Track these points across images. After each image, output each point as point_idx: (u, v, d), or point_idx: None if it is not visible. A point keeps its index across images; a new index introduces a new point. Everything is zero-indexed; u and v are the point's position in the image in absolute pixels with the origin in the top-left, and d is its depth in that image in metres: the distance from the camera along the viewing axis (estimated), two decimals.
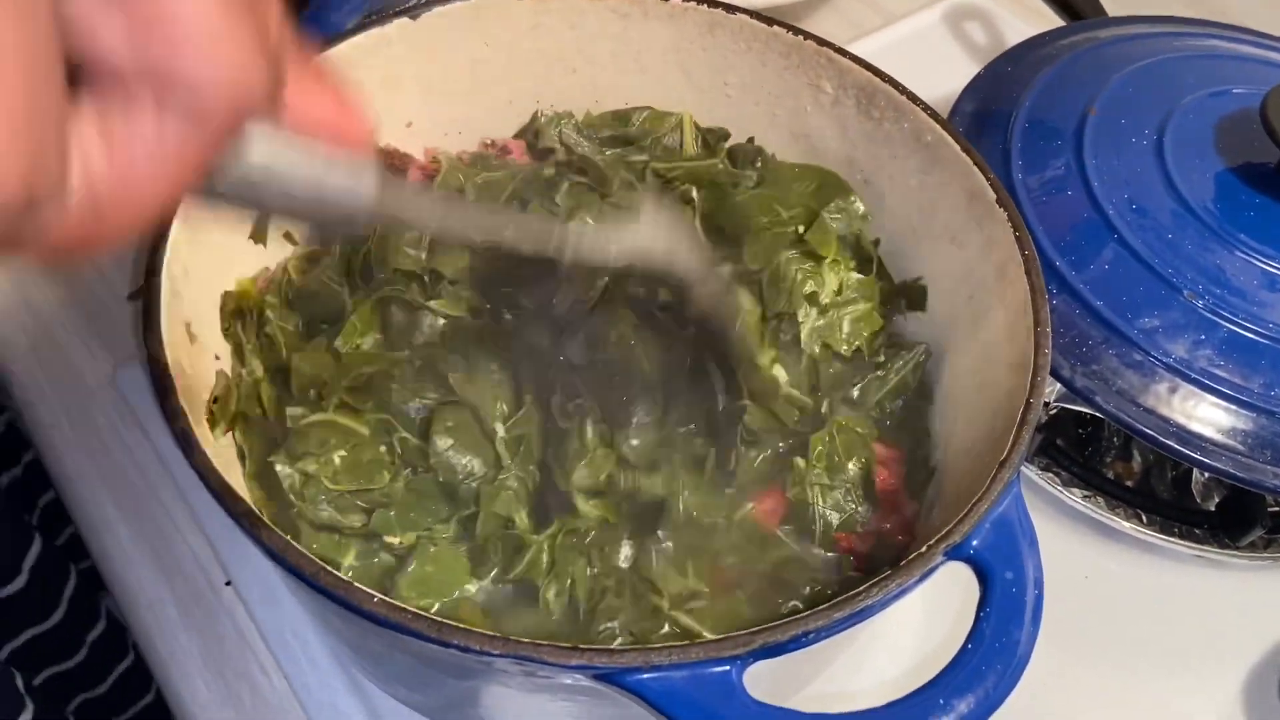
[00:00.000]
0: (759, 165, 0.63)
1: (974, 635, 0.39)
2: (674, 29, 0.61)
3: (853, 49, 0.59)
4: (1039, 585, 0.41)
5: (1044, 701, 0.61)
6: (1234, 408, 0.60)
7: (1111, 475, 0.69)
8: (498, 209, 0.50)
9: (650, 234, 0.45)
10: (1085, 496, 0.67)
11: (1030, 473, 0.67)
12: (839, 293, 0.59)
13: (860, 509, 0.53)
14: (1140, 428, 0.60)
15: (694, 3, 0.60)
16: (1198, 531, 0.67)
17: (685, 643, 0.37)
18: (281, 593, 0.61)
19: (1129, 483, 0.69)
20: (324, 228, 0.46)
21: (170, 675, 0.59)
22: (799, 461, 0.53)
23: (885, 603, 0.39)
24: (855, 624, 0.39)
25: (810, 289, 0.58)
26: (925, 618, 0.62)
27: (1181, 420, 0.60)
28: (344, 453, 0.52)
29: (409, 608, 0.37)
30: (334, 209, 0.33)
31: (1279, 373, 0.60)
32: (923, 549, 0.40)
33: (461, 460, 0.52)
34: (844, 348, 0.58)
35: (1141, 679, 0.63)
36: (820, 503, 0.52)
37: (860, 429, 0.55)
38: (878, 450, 0.55)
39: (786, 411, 0.55)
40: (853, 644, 0.58)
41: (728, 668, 0.37)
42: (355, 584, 0.38)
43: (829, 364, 0.58)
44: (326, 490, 0.51)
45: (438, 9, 0.58)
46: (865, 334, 0.58)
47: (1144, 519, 0.67)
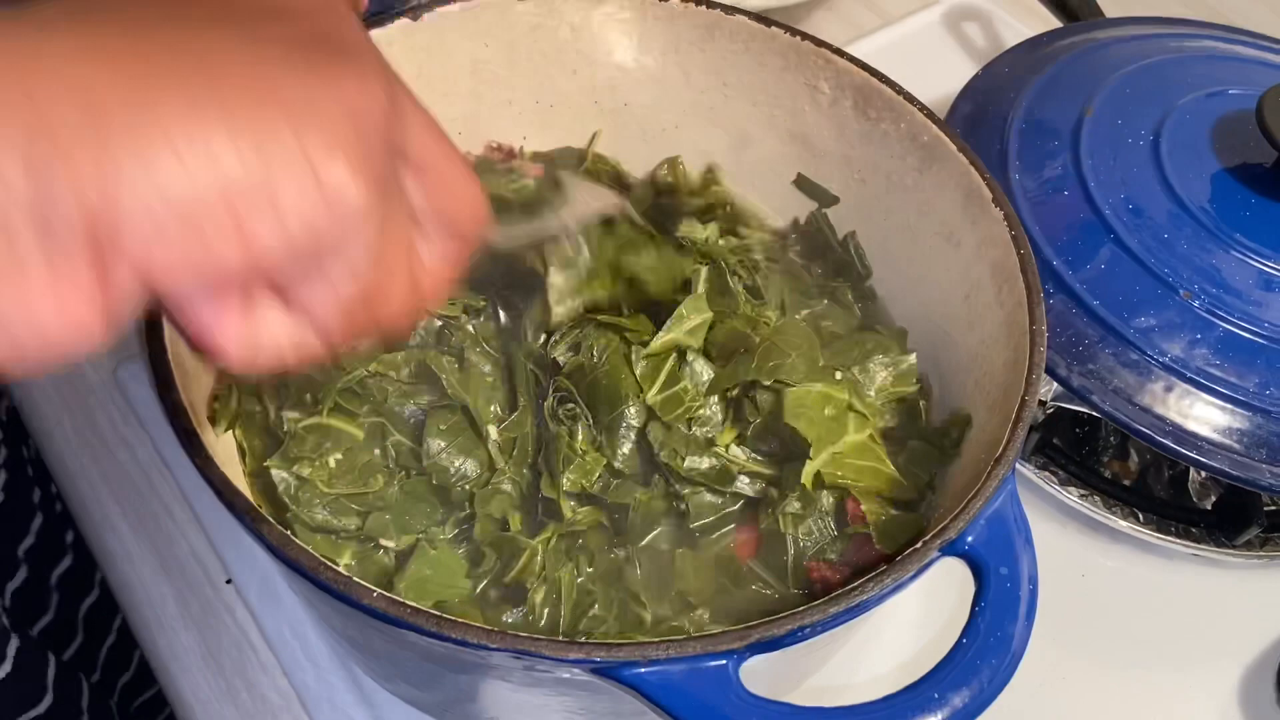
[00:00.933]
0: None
1: (969, 630, 0.39)
2: (673, 30, 0.62)
3: (851, 50, 0.59)
4: (1034, 581, 0.41)
5: (1041, 699, 0.61)
6: (1230, 407, 0.61)
7: (1108, 474, 0.69)
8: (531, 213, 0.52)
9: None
10: (1082, 495, 0.68)
11: (1027, 472, 0.68)
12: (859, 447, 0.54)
13: (834, 539, 0.52)
14: (1137, 426, 0.60)
15: (692, 4, 0.61)
16: (1194, 530, 0.67)
17: (682, 637, 0.37)
18: (282, 590, 0.61)
19: (1126, 482, 0.69)
20: None
21: (171, 672, 0.59)
22: (772, 492, 0.53)
23: (880, 598, 0.39)
24: (851, 619, 0.39)
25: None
26: (926, 614, 0.63)
27: (1178, 419, 0.60)
28: (339, 456, 0.52)
29: (408, 603, 0.37)
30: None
31: (1275, 372, 0.61)
32: (918, 545, 0.40)
33: (455, 463, 0.52)
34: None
35: (1138, 677, 0.64)
36: (793, 532, 0.52)
37: None
38: None
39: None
40: (852, 640, 0.59)
41: (724, 662, 0.37)
42: (355, 579, 0.38)
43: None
44: (321, 494, 0.51)
45: (439, 10, 0.59)
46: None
47: (1141, 518, 0.67)
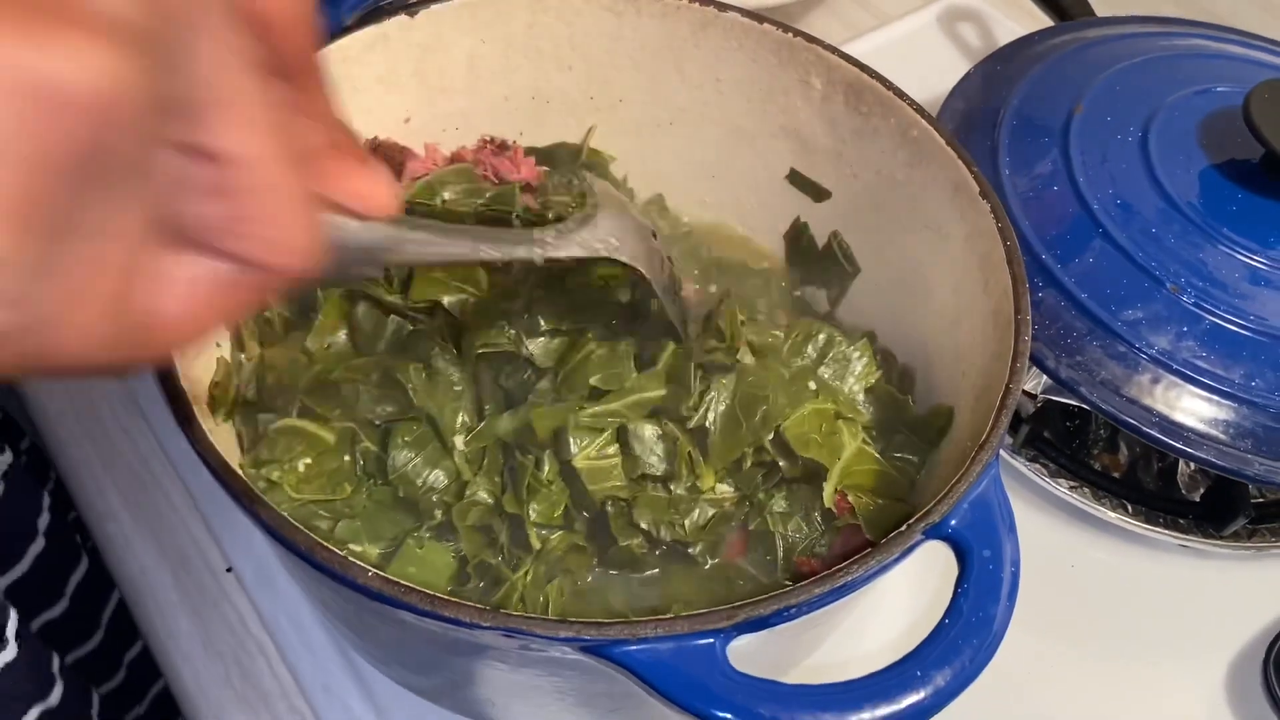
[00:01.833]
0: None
1: (951, 611, 0.40)
2: (667, 27, 0.63)
3: (847, 50, 0.60)
4: (1015, 564, 0.42)
5: (1029, 689, 0.62)
6: (1216, 398, 0.61)
7: (1098, 467, 0.70)
8: (470, 228, 0.50)
9: (608, 229, 0.49)
10: (1072, 487, 0.68)
11: (1018, 464, 0.68)
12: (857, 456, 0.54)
13: (821, 533, 0.53)
14: (1124, 418, 0.61)
15: (686, 1, 0.61)
16: (1182, 521, 0.68)
17: (670, 616, 0.38)
18: (280, 578, 0.62)
19: (1115, 474, 0.70)
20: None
21: (172, 658, 0.60)
22: (759, 495, 0.53)
23: (865, 579, 0.40)
24: (836, 600, 0.40)
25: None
26: (917, 604, 0.63)
27: (1164, 410, 0.61)
28: (308, 460, 0.51)
29: (403, 582, 0.38)
30: (355, 269, 0.37)
31: (1260, 364, 0.62)
32: (902, 528, 0.41)
33: (423, 475, 0.52)
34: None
35: (1127, 667, 0.64)
36: (781, 530, 0.52)
37: None
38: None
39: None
40: (843, 626, 0.59)
41: (711, 640, 0.38)
42: (351, 559, 0.39)
43: None
44: (289, 499, 0.50)
45: (435, 6, 0.60)
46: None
47: (1130, 509, 0.68)
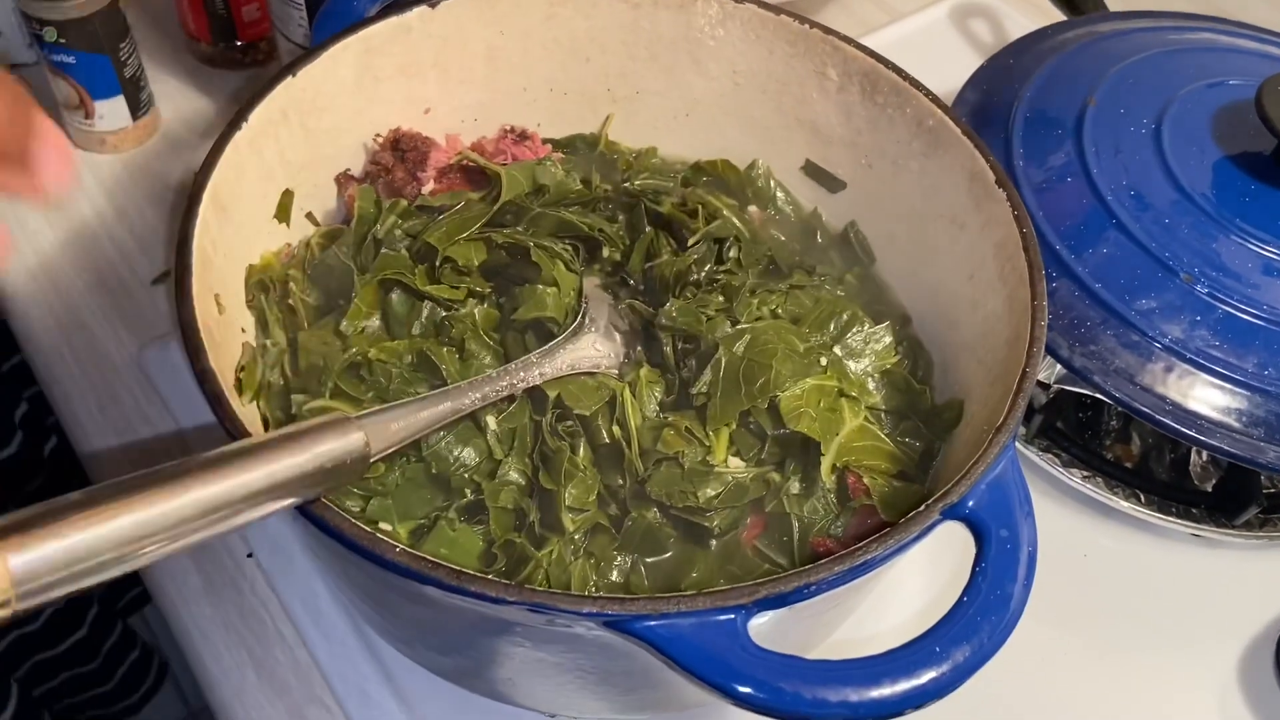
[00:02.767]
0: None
1: (969, 589, 0.41)
2: (684, 19, 0.63)
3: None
4: (1033, 544, 0.42)
5: (1042, 676, 0.62)
6: (1229, 387, 0.62)
7: (1111, 456, 0.70)
8: (456, 386, 0.51)
9: (586, 351, 0.56)
10: (1085, 477, 0.69)
11: (1031, 454, 0.69)
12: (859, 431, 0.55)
13: (837, 515, 0.53)
14: (1138, 406, 0.61)
15: None
16: (1195, 511, 0.68)
17: (693, 592, 0.39)
18: (301, 563, 0.62)
19: (1128, 464, 0.70)
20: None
21: (194, 642, 0.61)
22: (774, 476, 0.54)
23: (884, 558, 0.40)
24: (856, 578, 0.40)
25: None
26: (936, 587, 0.64)
27: (1178, 399, 0.62)
28: None
29: (430, 557, 0.39)
30: (342, 473, 0.41)
31: (1273, 352, 0.62)
32: (921, 508, 0.42)
33: (454, 452, 0.53)
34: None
35: (1139, 655, 0.65)
36: (797, 512, 0.53)
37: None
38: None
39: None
40: (865, 601, 0.60)
41: (733, 616, 0.39)
42: (379, 535, 0.39)
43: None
44: None
45: None
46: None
47: (1142, 499, 0.68)
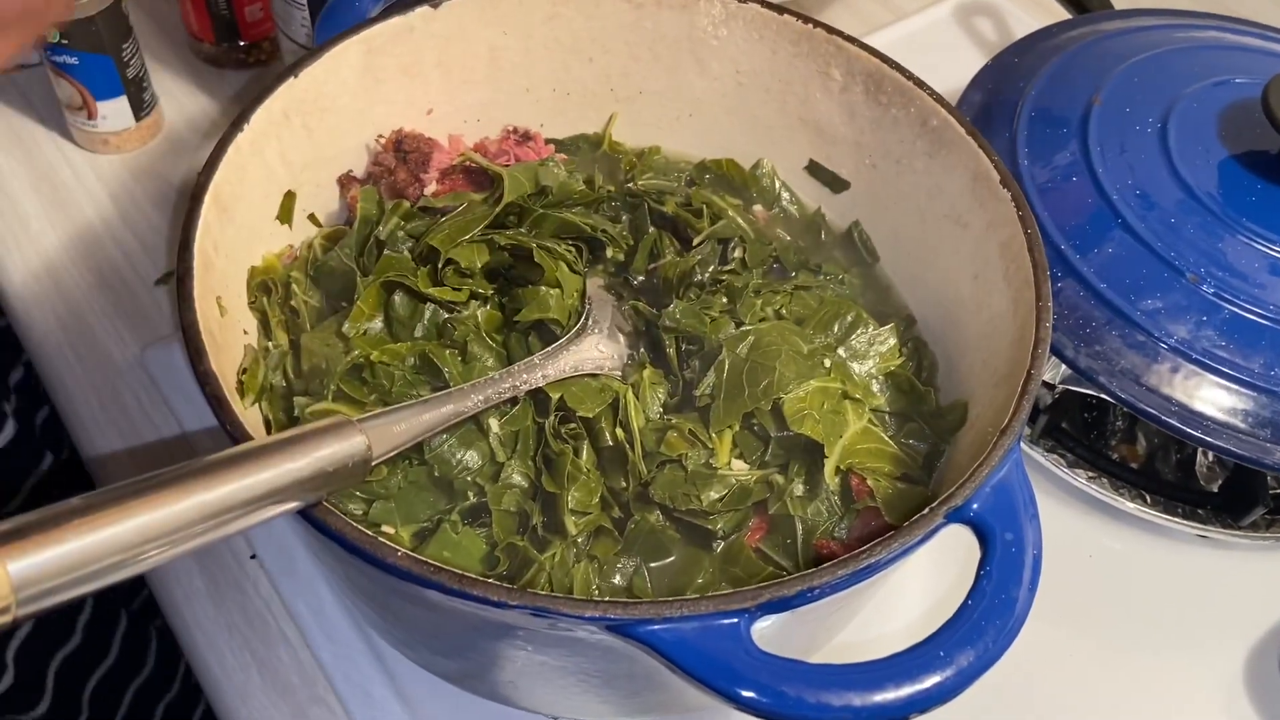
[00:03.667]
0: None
1: (974, 593, 0.40)
2: (687, 18, 0.63)
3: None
4: (1038, 547, 0.42)
5: (1048, 678, 0.62)
6: (1236, 387, 0.61)
7: (1116, 457, 0.70)
8: (459, 389, 0.51)
9: (589, 353, 0.56)
10: (1090, 478, 0.69)
11: (1036, 455, 0.69)
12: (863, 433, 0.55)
13: (841, 517, 0.53)
14: (1143, 407, 0.61)
15: None
16: (1200, 512, 0.68)
17: (695, 596, 0.39)
18: (304, 565, 0.62)
19: (1134, 464, 0.70)
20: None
21: (197, 644, 0.60)
22: (777, 478, 0.54)
23: (888, 562, 0.40)
24: (859, 582, 0.40)
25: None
26: (957, 581, 0.64)
27: (1183, 399, 0.61)
28: None
29: (432, 561, 0.39)
30: (343, 476, 0.41)
31: (1279, 353, 0.62)
32: (925, 511, 0.42)
33: (457, 455, 0.53)
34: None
35: (1145, 656, 0.64)
36: (800, 514, 0.52)
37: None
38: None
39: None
40: (869, 604, 0.59)
41: (736, 620, 0.39)
42: (381, 539, 0.39)
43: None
44: None
45: None
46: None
47: (1148, 499, 0.68)
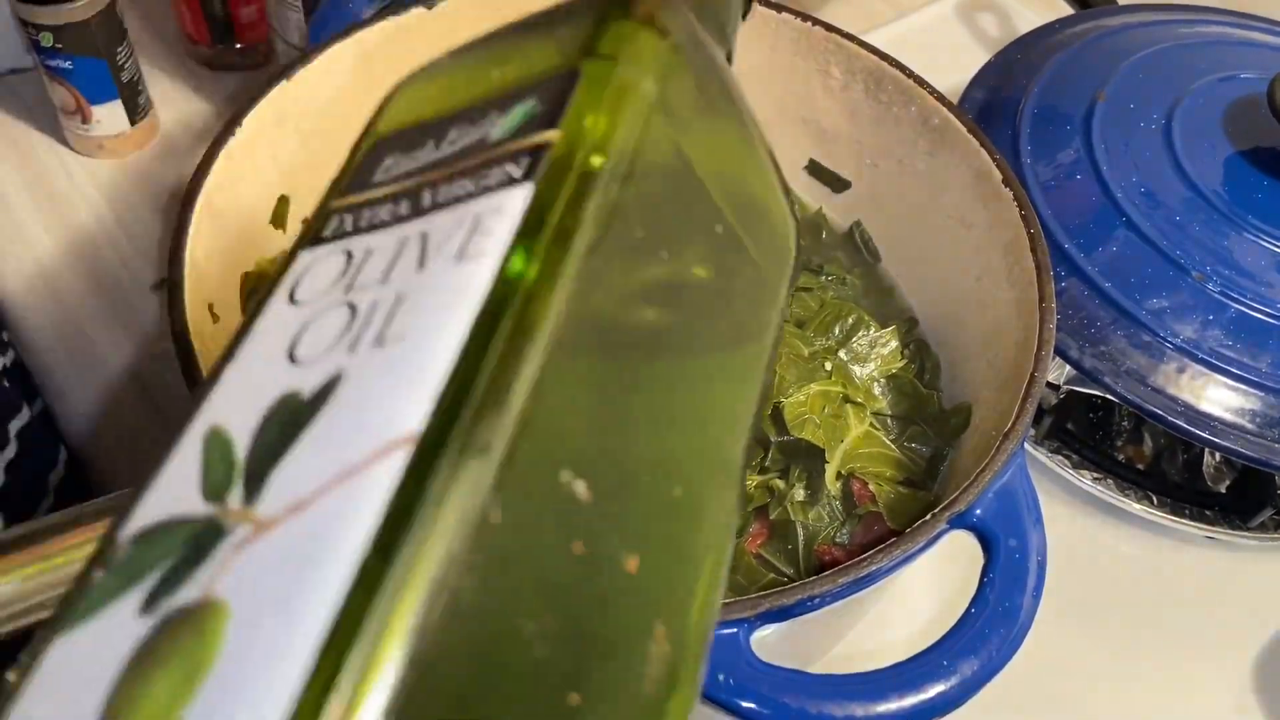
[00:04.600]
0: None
1: (977, 600, 0.40)
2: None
3: (866, 40, 0.60)
4: (1042, 553, 0.41)
5: (1055, 681, 0.62)
6: (1243, 387, 0.61)
7: (1122, 458, 0.69)
8: None
9: None
10: (1096, 479, 0.68)
11: (1041, 456, 0.68)
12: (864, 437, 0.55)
13: (843, 522, 0.53)
14: (1149, 408, 0.60)
15: None
16: (1208, 513, 0.67)
17: None
18: None
19: (1140, 466, 0.69)
20: None
21: None
22: (778, 483, 0.53)
23: (890, 569, 0.40)
24: (860, 590, 0.39)
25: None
26: (964, 587, 0.63)
27: (1190, 400, 0.61)
28: None
29: None
30: None
31: None
32: (927, 517, 0.41)
33: None
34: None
35: (1152, 659, 0.64)
36: (801, 519, 0.52)
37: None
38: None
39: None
40: (874, 608, 0.59)
41: (735, 630, 0.38)
42: None
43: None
44: None
45: None
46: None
47: (1155, 501, 0.67)
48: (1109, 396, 0.61)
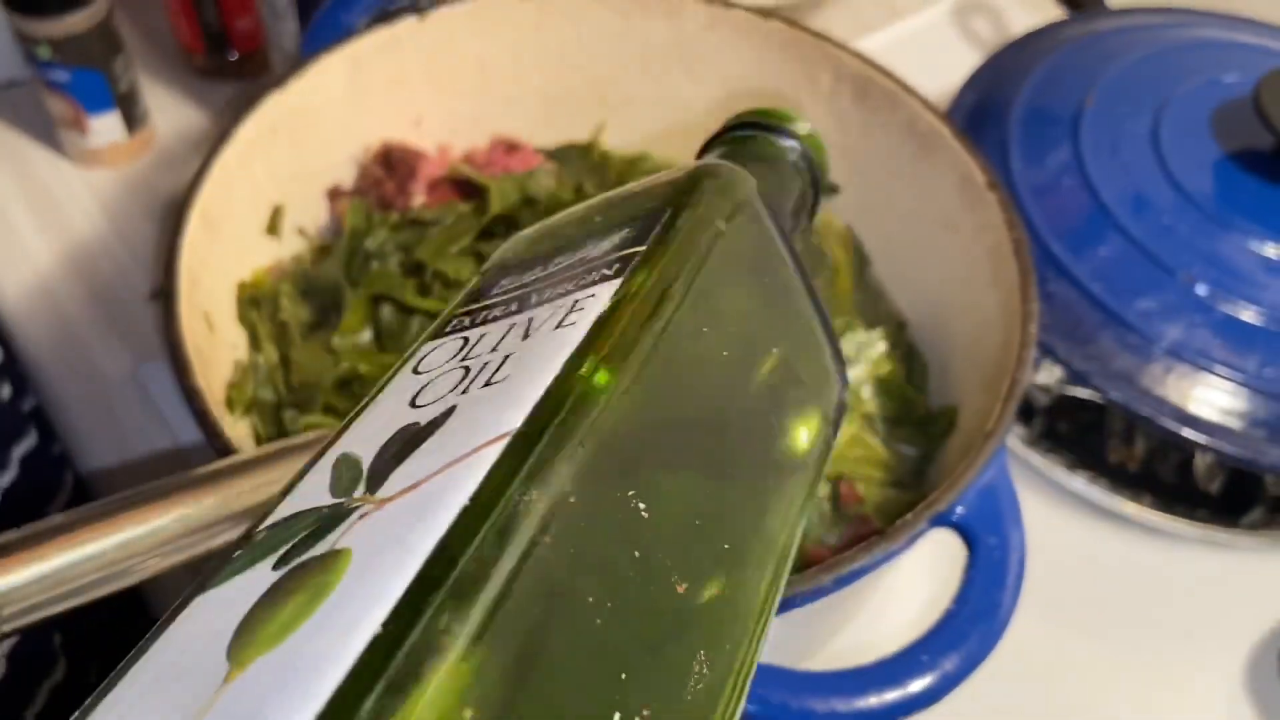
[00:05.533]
0: None
1: (959, 597, 0.40)
2: (674, 25, 0.63)
3: (860, 45, 0.60)
4: (1022, 551, 0.42)
5: (1048, 681, 0.62)
6: (1231, 387, 0.61)
7: (1115, 459, 0.70)
8: None
9: None
10: (1088, 480, 0.68)
11: (1033, 457, 0.68)
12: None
13: (833, 524, 0.53)
14: (1138, 409, 0.61)
15: (693, 0, 0.62)
16: (1200, 513, 0.67)
17: None
18: None
19: (1132, 467, 0.70)
20: None
21: None
22: None
23: (871, 566, 0.40)
24: (843, 587, 0.40)
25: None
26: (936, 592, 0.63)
27: (1179, 401, 0.61)
28: None
29: None
30: None
31: (1275, 352, 0.61)
32: (908, 516, 0.41)
33: None
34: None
35: (1144, 659, 0.64)
36: None
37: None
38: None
39: None
40: (870, 603, 0.59)
41: None
42: None
43: None
44: None
45: (445, 9, 0.60)
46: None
47: (1147, 501, 0.68)
48: (1098, 398, 0.62)
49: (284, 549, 0.22)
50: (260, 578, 0.21)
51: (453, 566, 0.19)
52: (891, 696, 0.38)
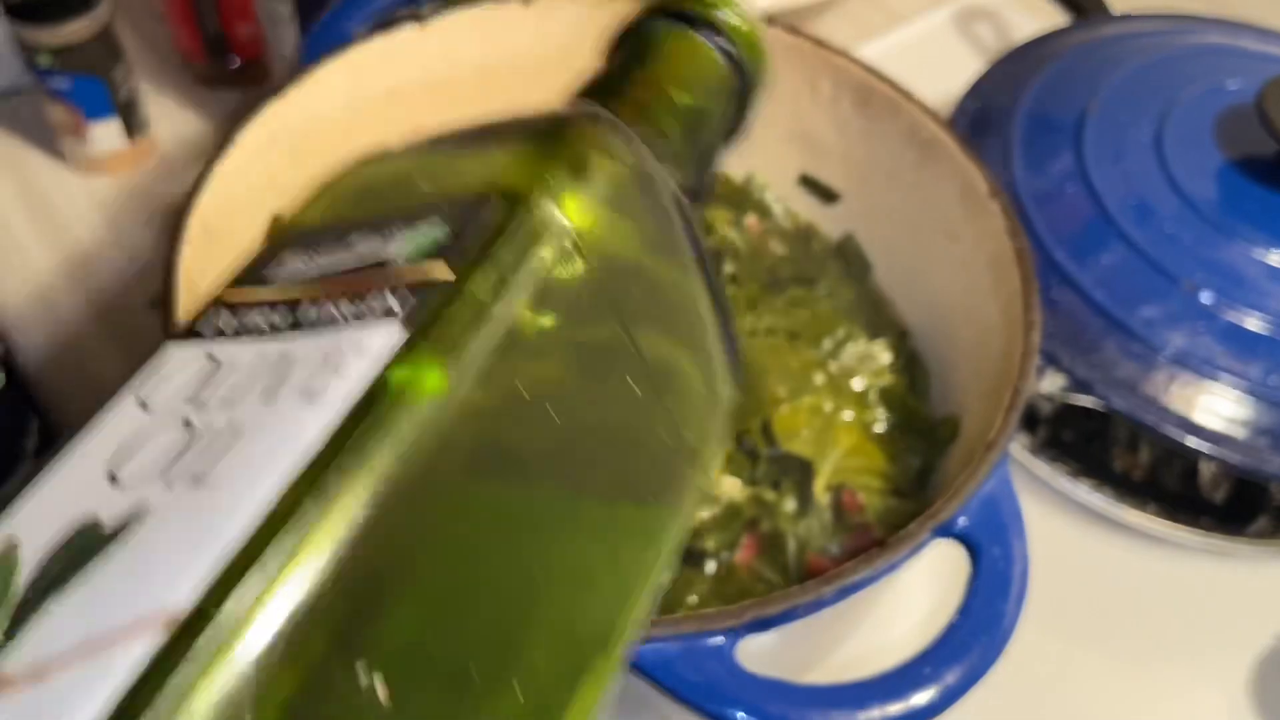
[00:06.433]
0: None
1: (962, 609, 0.40)
2: None
3: (861, 51, 0.60)
4: (1025, 561, 0.41)
5: (1052, 692, 0.62)
6: (1235, 396, 0.61)
7: (1119, 468, 0.69)
8: None
9: None
10: (1092, 489, 0.68)
11: (1037, 466, 0.68)
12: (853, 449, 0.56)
13: (834, 533, 0.53)
14: (1141, 417, 0.61)
15: None
16: (1204, 521, 0.67)
17: (679, 615, 0.38)
18: None
19: (1136, 475, 0.69)
20: None
21: None
22: (768, 495, 0.53)
23: (873, 578, 0.40)
24: (844, 598, 0.40)
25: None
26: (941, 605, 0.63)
27: (1182, 409, 0.61)
28: None
29: None
30: None
31: (1279, 360, 0.61)
32: (910, 526, 0.41)
33: None
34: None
35: (1149, 668, 0.64)
36: (792, 529, 0.52)
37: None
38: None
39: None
40: (872, 615, 0.59)
41: (721, 639, 0.38)
42: None
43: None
44: None
45: (444, 17, 0.60)
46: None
47: (1151, 510, 0.67)
48: (1101, 406, 0.62)
49: None
50: None
51: None
52: (894, 710, 0.37)
